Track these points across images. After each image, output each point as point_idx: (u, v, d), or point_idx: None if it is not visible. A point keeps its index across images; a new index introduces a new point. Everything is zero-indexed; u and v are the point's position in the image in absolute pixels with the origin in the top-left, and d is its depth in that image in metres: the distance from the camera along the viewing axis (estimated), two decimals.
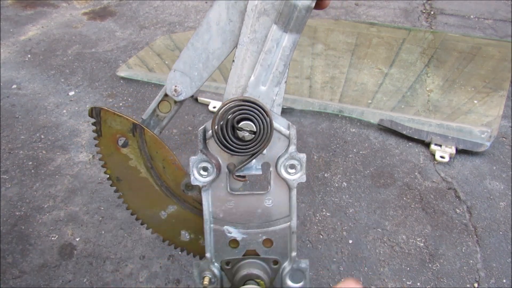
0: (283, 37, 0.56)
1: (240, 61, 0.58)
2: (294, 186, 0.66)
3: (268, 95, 0.59)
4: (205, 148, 0.61)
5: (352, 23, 2.74)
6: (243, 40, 0.57)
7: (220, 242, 0.68)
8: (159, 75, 2.15)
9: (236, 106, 0.56)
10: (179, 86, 0.63)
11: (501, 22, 2.88)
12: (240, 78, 0.59)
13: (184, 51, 0.60)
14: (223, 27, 0.59)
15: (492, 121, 1.82)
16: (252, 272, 0.68)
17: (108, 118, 0.65)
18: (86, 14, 2.88)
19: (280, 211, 0.68)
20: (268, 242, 0.70)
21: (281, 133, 0.63)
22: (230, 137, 0.58)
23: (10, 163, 1.61)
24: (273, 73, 0.58)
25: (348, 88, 2.09)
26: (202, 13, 2.89)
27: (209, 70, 0.62)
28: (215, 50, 0.60)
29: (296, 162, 0.65)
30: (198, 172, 0.61)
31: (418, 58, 2.36)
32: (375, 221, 1.40)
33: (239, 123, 0.57)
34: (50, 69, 2.22)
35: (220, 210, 0.66)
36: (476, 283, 1.22)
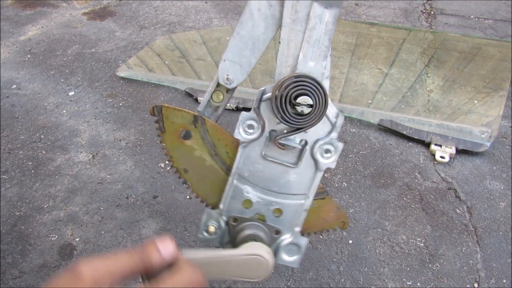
0: (324, 13, 0.59)
1: (286, 42, 0.61)
2: (323, 169, 0.69)
3: (318, 70, 0.62)
4: (257, 108, 0.64)
5: (352, 23, 2.74)
6: (286, 22, 0.60)
7: (236, 199, 0.71)
8: (159, 75, 2.15)
9: (292, 83, 0.59)
10: (231, 74, 0.66)
11: (501, 22, 2.88)
12: (288, 58, 0.62)
13: (231, 41, 0.64)
14: (265, 12, 0.62)
15: (492, 121, 1.82)
16: (257, 234, 0.70)
17: (170, 114, 0.69)
18: (86, 14, 2.88)
19: (300, 188, 0.72)
20: (278, 211, 0.73)
21: (328, 118, 0.66)
22: (290, 112, 0.61)
23: (10, 163, 1.61)
24: (320, 48, 0.61)
25: (348, 88, 2.09)
26: (202, 13, 2.89)
27: (256, 55, 0.65)
28: (260, 35, 0.63)
29: (332, 148, 0.68)
30: (244, 128, 0.65)
31: (418, 58, 2.36)
32: (375, 221, 1.40)
33: (296, 99, 0.60)
34: (50, 69, 2.22)
35: (247, 169, 0.69)
36: (476, 283, 1.22)
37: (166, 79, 2.11)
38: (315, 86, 0.60)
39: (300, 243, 0.76)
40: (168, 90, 2.06)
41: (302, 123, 0.63)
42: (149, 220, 1.39)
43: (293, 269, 1.24)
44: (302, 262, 1.26)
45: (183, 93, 2.03)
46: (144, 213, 1.41)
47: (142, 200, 1.46)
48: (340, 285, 1.21)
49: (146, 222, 1.38)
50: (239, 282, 1.21)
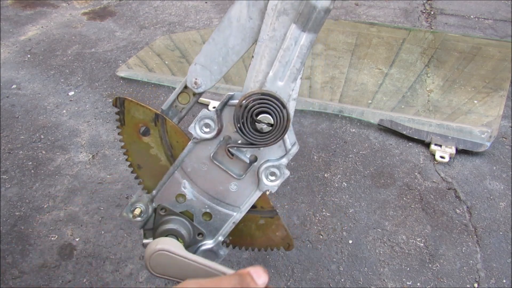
0: (301, 36, 0.58)
1: (259, 57, 0.61)
2: (263, 189, 0.70)
3: (285, 90, 0.62)
4: (220, 110, 0.63)
5: (352, 23, 2.74)
6: (263, 37, 0.60)
7: (171, 189, 0.70)
8: (159, 75, 2.15)
9: (258, 99, 0.59)
10: (199, 78, 0.65)
11: (501, 22, 2.88)
12: (258, 73, 0.62)
13: (205, 46, 0.63)
14: (244, 24, 0.61)
15: (492, 121, 1.82)
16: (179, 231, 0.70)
17: (132, 108, 0.68)
18: (86, 14, 2.88)
19: (237, 200, 0.72)
20: (208, 216, 0.73)
21: (284, 143, 0.66)
22: (250, 126, 0.61)
23: (10, 163, 1.61)
24: (291, 70, 0.60)
25: (348, 88, 2.09)
26: (202, 13, 2.89)
27: (228, 65, 0.64)
28: (235, 45, 0.63)
29: (278, 173, 0.68)
30: (201, 125, 0.64)
31: (418, 58, 2.36)
32: (375, 221, 1.40)
33: (258, 116, 0.60)
34: (50, 69, 2.22)
35: (192, 165, 0.69)
36: (476, 283, 1.22)
37: (166, 79, 2.11)
38: (279, 108, 0.60)
39: (219, 252, 0.75)
40: (168, 90, 2.06)
41: (258, 140, 0.63)
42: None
43: (293, 269, 1.24)
44: (302, 262, 1.26)
45: None
46: None
47: None
48: (340, 285, 1.21)
49: None
50: None
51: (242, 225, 0.79)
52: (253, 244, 0.82)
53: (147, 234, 0.74)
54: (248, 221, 0.79)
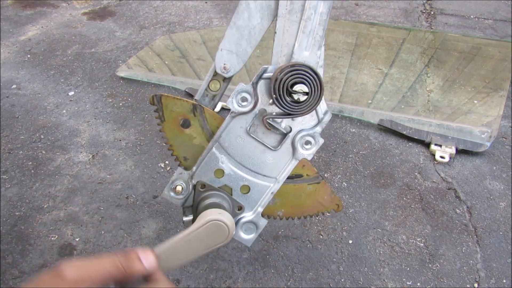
0: (319, 4, 0.61)
1: (282, 32, 0.63)
2: (299, 158, 0.71)
3: (313, 58, 0.64)
4: (255, 83, 0.65)
5: (352, 23, 2.74)
6: (282, 12, 0.62)
7: (209, 165, 0.71)
8: (159, 75, 2.15)
9: (290, 71, 0.61)
10: (228, 63, 0.67)
11: (501, 22, 2.88)
12: (283, 48, 0.63)
13: (227, 31, 0.65)
14: (261, 3, 0.63)
15: (492, 121, 1.82)
16: (222, 204, 0.71)
17: (169, 103, 0.70)
18: (86, 14, 2.88)
19: (273, 171, 0.73)
20: (246, 188, 0.74)
21: (316, 112, 0.69)
22: (286, 97, 0.63)
23: (9, 163, 1.61)
24: (314, 38, 0.62)
25: (348, 88, 2.09)
26: (202, 13, 2.89)
27: (252, 45, 0.66)
28: (256, 25, 0.65)
29: (313, 141, 0.71)
30: (238, 99, 0.66)
31: (418, 58, 2.36)
32: (375, 221, 1.40)
33: (292, 87, 0.62)
34: (50, 69, 2.22)
35: (229, 140, 0.70)
36: (476, 283, 1.22)
37: (166, 79, 2.11)
38: (311, 75, 0.61)
39: (259, 223, 0.77)
40: (168, 90, 2.06)
41: (294, 110, 0.64)
42: (149, 220, 1.39)
43: (293, 269, 1.24)
44: (302, 262, 1.26)
45: (183, 93, 2.03)
46: (144, 213, 1.41)
47: (142, 200, 1.46)
48: (340, 285, 1.21)
49: (146, 222, 1.38)
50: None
51: (292, 196, 0.81)
52: (305, 212, 0.84)
53: (186, 212, 0.75)
54: (298, 191, 0.81)
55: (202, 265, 1.25)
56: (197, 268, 1.24)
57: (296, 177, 0.79)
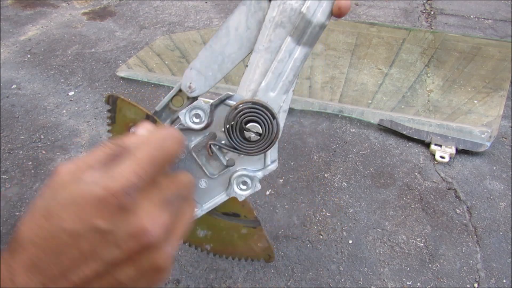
0: (295, 49, 0.60)
1: (253, 67, 0.62)
2: (230, 195, 0.70)
3: (276, 101, 0.62)
4: (215, 106, 0.64)
5: (352, 23, 2.74)
6: (258, 48, 0.61)
7: None
8: (159, 75, 2.15)
9: (246, 108, 0.60)
10: (194, 83, 0.66)
11: (501, 22, 2.88)
12: (251, 83, 0.62)
13: (202, 52, 0.64)
14: (241, 34, 0.62)
15: (492, 121, 1.82)
16: None
17: (124, 107, 0.69)
18: (86, 14, 2.88)
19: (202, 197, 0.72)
20: None
21: (265, 157, 0.67)
22: (238, 133, 0.62)
23: (10, 163, 1.61)
24: (283, 81, 0.61)
25: (348, 88, 2.09)
26: (202, 13, 2.89)
27: (223, 72, 0.65)
28: (231, 54, 0.64)
29: (250, 185, 0.68)
30: (191, 115, 0.64)
31: (418, 58, 2.36)
32: (375, 221, 1.40)
33: (247, 124, 0.61)
34: (50, 69, 2.22)
35: None
36: (476, 283, 1.22)
37: (166, 79, 2.11)
38: (269, 118, 0.60)
39: None
40: (168, 90, 2.06)
41: (242, 147, 0.63)
42: None
43: (293, 269, 1.24)
44: (302, 262, 1.26)
45: None
46: None
47: None
48: (340, 285, 1.21)
49: None
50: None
51: (224, 233, 0.79)
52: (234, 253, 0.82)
53: None
54: (231, 230, 0.79)
55: (202, 265, 1.25)
56: (197, 268, 1.24)
57: (233, 215, 0.77)
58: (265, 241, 0.80)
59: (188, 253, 1.28)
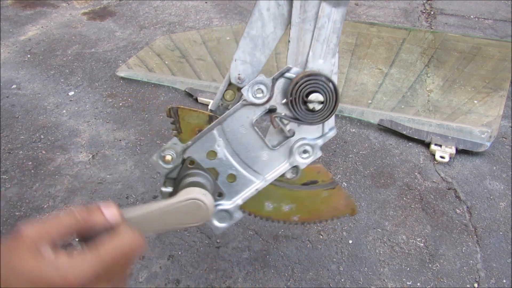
0: (332, 12, 0.60)
1: (295, 41, 0.63)
2: (292, 164, 0.72)
3: (327, 66, 0.64)
4: (275, 79, 0.65)
5: (352, 23, 2.74)
6: (295, 21, 0.62)
7: (205, 144, 0.71)
8: (159, 75, 2.15)
9: (305, 81, 0.62)
10: (242, 73, 0.67)
11: (501, 22, 2.88)
12: (298, 56, 0.64)
13: (241, 41, 0.65)
14: (274, 12, 0.63)
15: (492, 121, 1.82)
16: (204, 185, 0.71)
17: (186, 115, 0.71)
18: (86, 14, 2.88)
19: (265, 169, 0.73)
20: (232, 177, 0.74)
21: (323, 125, 0.70)
22: (301, 105, 0.64)
23: (9, 163, 1.61)
24: (328, 46, 0.62)
25: (348, 88, 2.09)
26: (202, 13, 2.89)
27: (266, 54, 0.67)
28: (269, 34, 0.65)
29: (311, 152, 0.70)
30: (253, 90, 0.66)
31: (418, 58, 2.36)
32: (375, 221, 1.40)
33: (308, 96, 0.62)
34: (50, 69, 2.22)
35: (232, 126, 0.70)
36: (476, 283, 1.22)
37: (166, 79, 2.11)
38: (326, 84, 0.62)
39: (234, 214, 0.77)
40: (168, 90, 2.06)
41: (305, 117, 0.65)
42: None
43: (293, 269, 1.24)
44: (302, 262, 1.26)
45: (183, 93, 2.03)
46: None
47: (142, 200, 1.46)
48: (340, 285, 1.21)
49: None
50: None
51: (307, 202, 0.81)
52: (320, 217, 0.84)
53: (167, 183, 0.74)
54: (314, 197, 0.81)
55: (202, 265, 1.25)
56: (197, 268, 1.24)
57: (312, 183, 0.79)
58: (346, 197, 0.82)
59: (188, 253, 1.28)
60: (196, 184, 0.70)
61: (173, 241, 1.31)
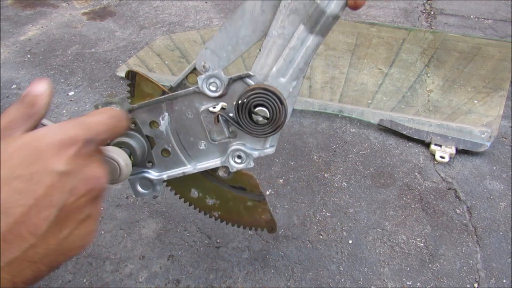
0: (308, 38, 0.60)
1: (266, 52, 0.63)
2: (223, 164, 0.74)
3: (286, 87, 0.64)
4: (233, 80, 0.66)
5: (352, 23, 2.74)
6: (272, 33, 0.62)
7: (150, 113, 0.72)
8: (159, 75, 2.15)
9: (257, 92, 0.62)
10: (208, 63, 0.68)
11: (501, 22, 2.88)
12: (263, 67, 0.64)
13: (217, 33, 0.66)
14: (256, 17, 0.63)
15: (492, 121, 1.82)
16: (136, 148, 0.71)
17: (142, 82, 0.72)
18: (86, 14, 2.88)
19: (197, 157, 0.75)
20: (166, 152, 0.76)
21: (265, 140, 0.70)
22: (246, 116, 0.64)
23: None
24: (294, 68, 0.63)
25: (348, 88, 2.09)
26: (202, 13, 2.89)
27: (236, 54, 0.67)
28: (245, 36, 0.65)
29: (244, 160, 0.72)
30: (208, 82, 0.66)
31: (418, 58, 2.36)
32: (375, 221, 1.40)
33: (256, 108, 0.63)
34: (50, 69, 2.22)
35: (180, 106, 0.71)
36: (476, 283, 1.22)
37: (166, 79, 2.11)
38: (277, 102, 0.62)
39: (156, 186, 0.78)
40: None
41: (247, 126, 0.66)
42: (149, 220, 1.39)
43: (293, 269, 1.24)
44: (302, 262, 1.26)
45: None
46: (144, 213, 1.41)
47: (142, 200, 1.46)
48: (340, 285, 1.21)
49: (146, 222, 1.38)
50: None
51: (231, 204, 0.84)
52: (239, 221, 0.87)
53: None
54: (237, 201, 0.84)
55: (202, 265, 1.25)
56: (197, 268, 1.24)
57: (240, 188, 0.81)
58: (269, 214, 0.85)
59: (188, 253, 1.28)
60: (128, 146, 0.70)
61: (173, 241, 1.31)
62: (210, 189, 0.83)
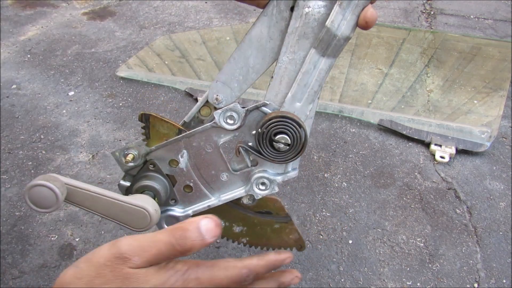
0: (320, 61, 0.60)
1: (279, 78, 0.63)
2: (247, 192, 0.73)
3: (303, 111, 0.64)
4: (250, 111, 0.65)
5: None
6: (283, 59, 0.61)
7: (169, 152, 0.72)
8: (159, 75, 2.15)
9: (275, 121, 0.62)
10: (220, 95, 0.67)
11: (501, 22, 2.88)
12: (278, 93, 0.64)
13: (226, 64, 0.65)
14: (264, 44, 0.62)
15: (492, 121, 1.82)
16: (159, 190, 0.72)
17: (156, 123, 0.72)
18: (86, 14, 2.88)
19: (221, 189, 0.75)
20: (189, 188, 0.76)
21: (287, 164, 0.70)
22: (267, 145, 0.65)
23: (9, 163, 1.61)
24: (308, 92, 0.62)
25: (348, 88, 2.09)
26: (202, 13, 2.89)
27: (248, 83, 0.66)
28: (255, 65, 0.64)
29: (268, 186, 0.72)
30: (225, 116, 0.66)
31: (418, 58, 2.36)
32: (375, 221, 1.40)
33: (276, 136, 0.63)
34: (50, 69, 2.22)
35: (199, 142, 0.71)
36: (476, 283, 1.22)
37: (166, 79, 2.11)
38: (296, 128, 0.62)
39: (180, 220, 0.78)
40: (168, 90, 2.06)
41: (269, 155, 0.66)
42: None
43: None
44: (302, 262, 1.26)
45: (183, 93, 2.03)
46: None
47: None
48: (340, 285, 1.21)
49: None
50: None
51: (258, 228, 0.84)
52: (268, 244, 0.87)
53: (127, 178, 0.75)
54: (265, 225, 0.84)
55: None
56: None
57: (266, 213, 0.81)
58: (297, 234, 0.85)
59: None
60: (151, 189, 0.71)
61: None
62: (236, 217, 0.83)
